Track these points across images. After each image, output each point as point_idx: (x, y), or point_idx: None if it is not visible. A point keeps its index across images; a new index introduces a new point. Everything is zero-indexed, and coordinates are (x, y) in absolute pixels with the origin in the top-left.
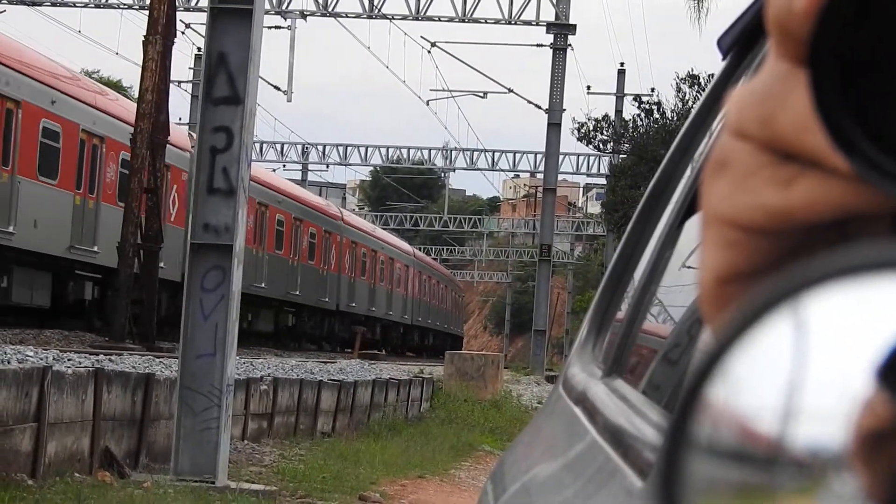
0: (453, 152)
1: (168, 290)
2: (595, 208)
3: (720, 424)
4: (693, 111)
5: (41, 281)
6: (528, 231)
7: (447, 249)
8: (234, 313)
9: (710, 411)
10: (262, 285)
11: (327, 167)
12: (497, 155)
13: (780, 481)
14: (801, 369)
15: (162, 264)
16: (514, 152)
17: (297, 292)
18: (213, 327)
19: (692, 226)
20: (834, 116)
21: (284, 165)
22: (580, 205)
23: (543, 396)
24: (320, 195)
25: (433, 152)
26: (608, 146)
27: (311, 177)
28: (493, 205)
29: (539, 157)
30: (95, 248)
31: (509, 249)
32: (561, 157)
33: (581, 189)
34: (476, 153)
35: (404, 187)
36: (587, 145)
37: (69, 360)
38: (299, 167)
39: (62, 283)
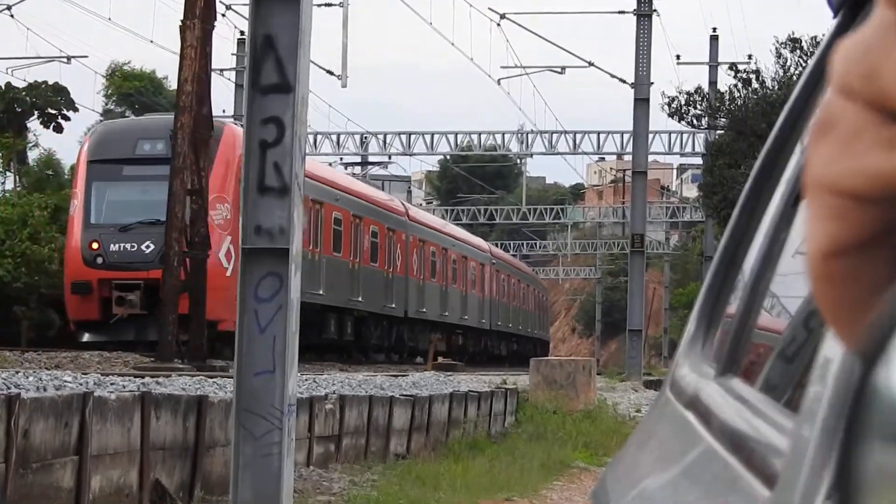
0: (530, 136)
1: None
2: (691, 191)
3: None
4: (803, 75)
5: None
6: (618, 220)
7: (527, 244)
8: (293, 324)
9: (880, 397)
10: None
11: (389, 158)
12: (579, 137)
13: None
14: None
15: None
16: (598, 133)
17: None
18: (270, 341)
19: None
20: None
21: (342, 159)
22: (674, 188)
23: (642, 404)
24: (382, 189)
25: (507, 137)
26: (703, 122)
27: (372, 170)
28: (577, 192)
29: (626, 137)
30: (360, 298)
31: (597, 241)
32: (650, 135)
33: (674, 171)
34: (555, 136)
35: (476, 177)
36: (679, 122)
37: (112, 384)
38: (358, 159)
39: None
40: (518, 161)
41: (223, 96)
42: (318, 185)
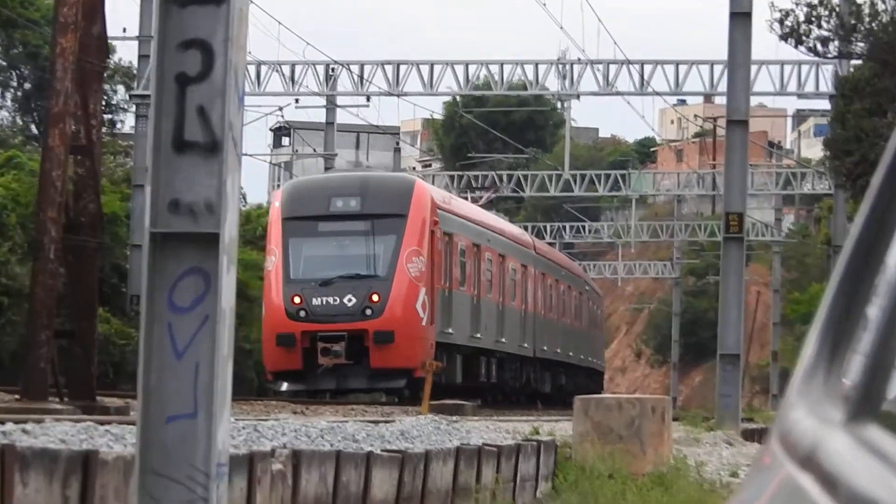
0: (576, 68)
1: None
2: (814, 150)
3: None
4: None
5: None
6: (705, 192)
7: (571, 228)
8: (224, 346)
9: None
10: None
11: (368, 99)
12: (648, 69)
13: None
14: None
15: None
16: (677, 63)
17: None
18: (191, 370)
19: None
20: None
21: (298, 100)
22: (789, 145)
23: (740, 464)
24: (357, 147)
25: (543, 69)
26: (831, 47)
27: (341, 116)
28: (645, 150)
29: (718, 69)
30: (503, 339)
31: (674, 224)
32: (754, 68)
33: (789, 120)
34: (613, 67)
35: (497, 128)
36: (796, 47)
37: None
38: (322, 101)
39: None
40: (559, 105)
41: (125, 9)
42: (477, 227)
